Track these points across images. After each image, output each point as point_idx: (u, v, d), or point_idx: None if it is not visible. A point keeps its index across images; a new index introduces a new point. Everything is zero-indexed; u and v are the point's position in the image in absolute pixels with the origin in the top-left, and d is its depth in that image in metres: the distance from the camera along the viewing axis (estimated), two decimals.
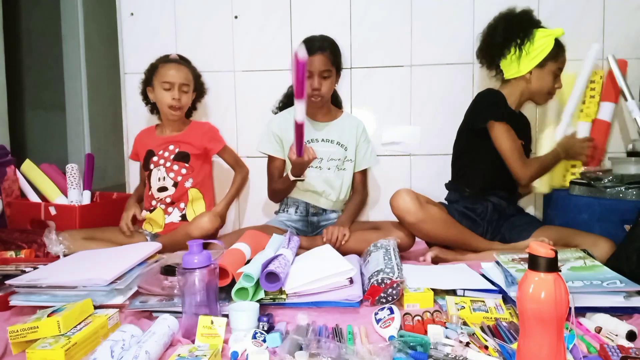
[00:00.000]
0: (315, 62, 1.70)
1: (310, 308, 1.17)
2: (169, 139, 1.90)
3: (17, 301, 1.14)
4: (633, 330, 0.94)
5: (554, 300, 0.70)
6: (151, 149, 1.90)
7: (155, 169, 1.87)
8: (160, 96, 1.84)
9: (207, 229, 1.69)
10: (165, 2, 2.09)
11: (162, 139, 1.91)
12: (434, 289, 1.21)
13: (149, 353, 0.85)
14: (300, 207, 1.88)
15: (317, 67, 1.71)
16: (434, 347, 0.89)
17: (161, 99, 1.84)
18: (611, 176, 1.66)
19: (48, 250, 1.53)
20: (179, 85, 1.83)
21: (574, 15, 1.93)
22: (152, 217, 1.86)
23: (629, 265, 1.22)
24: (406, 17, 2.00)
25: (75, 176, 1.97)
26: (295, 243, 1.46)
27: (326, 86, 1.75)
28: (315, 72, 1.71)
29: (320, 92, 1.74)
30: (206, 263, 1.02)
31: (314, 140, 1.84)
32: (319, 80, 1.73)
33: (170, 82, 1.82)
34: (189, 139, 1.90)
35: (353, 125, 1.88)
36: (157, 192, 1.85)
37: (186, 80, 1.86)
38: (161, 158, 1.88)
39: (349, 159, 1.86)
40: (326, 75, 1.73)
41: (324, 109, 1.85)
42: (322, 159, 1.83)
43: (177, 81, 1.82)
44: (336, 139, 1.85)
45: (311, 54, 1.69)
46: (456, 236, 1.63)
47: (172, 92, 1.82)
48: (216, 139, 1.94)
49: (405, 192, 1.60)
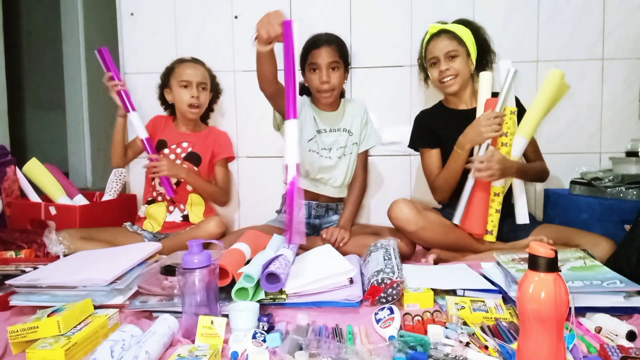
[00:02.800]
0: (324, 54, 1.69)
1: (310, 308, 1.17)
2: (186, 135, 1.90)
3: (17, 301, 1.14)
4: (633, 330, 0.94)
5: (554, 300, 0.69)
6: (164, 139, 1.89)
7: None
8: (178, 95, 1.84)
9: (215, 233, 1.71)
10: (165, 2, 2.09)
11: (177, 133, 1.91)
12: (434, 289, 1.21)
13: (149, 353, 0.85)
14: (302, 210, 1.87)
15: (324, 59, 1.69)
16: (434, 347, 0.89)
17: (180, 98, 1.84)
18: (611, 176, 1.66)
19: (48, 250, 1.54)
20: (197, 83, 1.83)
21: (574, 15, 1.93)
22: (152, 214, 1.85)
23: (629, 265, 1.22)
24: (406, 17, 2.00)
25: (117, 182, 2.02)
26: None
27: (335, 77, 1.72)
28: (323, 64, 1.69)
29: (330, 83, 1.71)
30: (206, 263, 1.02)
31: (322, 131, 1.82)
32: (327, 72, 1.71)
33: (188, 80, 1.82)
34: (204, 141, 1.90)
35: (356, 108, 1.86)
36: (159, 186, 1.85)
37: (203, 78, 1.87)
38: (172, 152, 1.87)
39: (354, 142, 1.85)
40: (334, 66, 1.71)
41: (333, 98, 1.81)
42: (331, 148, 1.82)
43: (194, 79, 1.83)
44: (343, 126, 1.84)
45: (317, 46, 1.69)
46: (457, 240, 1.62)
47: (191, 89, 1.82)
48: (227, 146, 1.96)
49: (403, 202, 1.60)
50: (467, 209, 1.58)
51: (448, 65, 1.66)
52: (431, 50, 1.69)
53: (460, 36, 1.66)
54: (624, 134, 1.94)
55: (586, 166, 1.84)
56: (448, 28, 1.68)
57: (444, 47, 1.66)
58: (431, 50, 1.69)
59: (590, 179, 1.70)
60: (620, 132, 1.95)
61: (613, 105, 1.95)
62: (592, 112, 1.95)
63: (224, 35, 2.08)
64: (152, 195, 1.89)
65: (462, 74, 1.67)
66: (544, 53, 1.95)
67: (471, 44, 1.68)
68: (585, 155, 1.98)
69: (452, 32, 1.67)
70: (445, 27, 1.68)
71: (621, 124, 1.95)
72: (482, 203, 1.58)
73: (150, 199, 1.89)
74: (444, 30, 1.68)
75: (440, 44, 1.66)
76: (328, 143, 1.81)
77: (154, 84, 1.95)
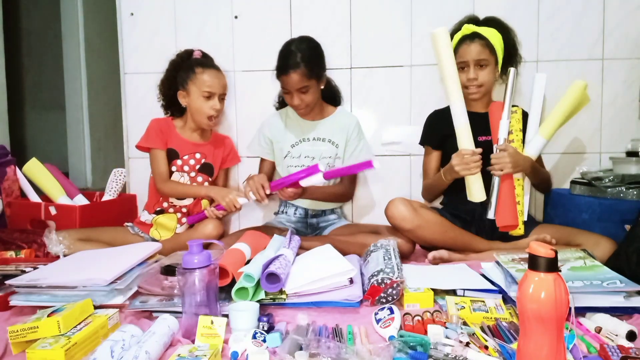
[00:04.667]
0: (291, 82, 1.66)
1: (310, 308, 1.17)
2: (198, 146, 1.84)
3: (17, 301, 1.14)
4: (633, 330, 0.94)
5: (554, 300, 0.69)
6: (174, 149, 1.81)
7: (178, 174, 1.81)
8: (198, 105, 1.75)
9: (213, 236, 1.71)
10: (165, 2, 2.09)
11: (188, 143, 1.83)
12: (434, 289, 1.21)
13: (149, 353, 0.85)
14: (299, 209, 1.88)
15: (293, 86, 1.67)
16: (434, 347, 0.89)
17: (199, 108, 1.75)
18: (612, 176, 1.66)
19: (48, 250, 1.54)
20: (220, 94, 1.77)
21: (574, 15, 1.92)
22: (162, 223, 1.82)
23: (629, 265, 1.22)
24: (406, 17, 2.00)
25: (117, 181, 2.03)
26: (296, 243, 1.46)
27: (309, 97, 1.72)
28: (293, 90, 1.68)
29: (303, 103, 1.72)
30: (206, 263, 1.02)
31: (304, 139, 1.83)
32: (298, 95, 1.70)
33: (212, 92, 1.74)
34: (214, 150, 1.88)
35: (345, 122, 1.86)
36: (175, 199, 1.82)
37: (224, 89, 1.80)
38: (186, 164, 1.81)
39: (339, 156, 1.85)
40: (305, 90, 1.70)
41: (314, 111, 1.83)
42: (314, 157, 1.82)
43: (218, 91, 1.76)
44: (327, 137, 1.84)
45: (285, 72, 1.66)
46: (455, 239, 1.63)
47: (213, 101, 1.75)
48: (235, 153, 1.98)
49: (399, 201, 1.61)
50: (498, 204, 1.59)
51: (476, 75, 1.65)
52: (462, 54, 1.66)
53: (492, 45, 1.65)
54: (624, 134, 1.93)
55: (586, 166, 1.84)
56: (482, 33, 1.65)
57: (475, 54, 1.64)
58: (462, 54, 1.66)
59: (590, 179, 1.70)
60: (620, 132, 1.95)
61: (613, 105, 1.95)
62: (592, 112, 1.94)
63: (224, 35, 2.08)
64: (162, 206, 1.84)
65: (487, 84, 1.68)
66: (544, 53, 1.95)
67: (500, 50, 1.68)
68: (585, 155, 1.98)
69: (486, 38, 1.64)
70: (479, 31, 1.66)
71: (621, 124, 1.95)
72: (509, 196, 1.59)
73: (159, 209, 1.84)
74: (478, 35, 1.65)
75: (472, 50, 1.64)
76: (311, 152, 1.82)
77: (153, 84, 1.94)
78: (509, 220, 1.59)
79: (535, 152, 1.64)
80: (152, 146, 1.79)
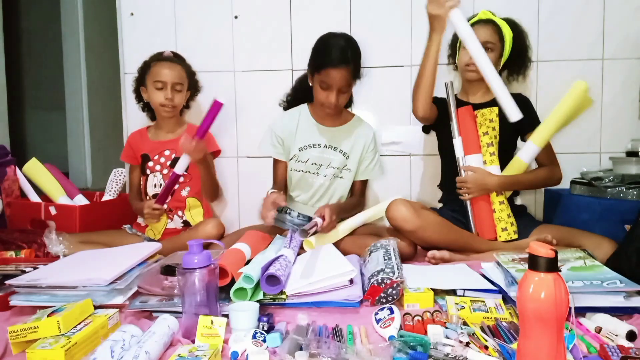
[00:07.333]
0: (337, 78, 1.59)
1: (310, 308, 1.17)
2: (165, 143, 1.87)
3: (17, 301, 1.14)
4: (633, 330, 0.94)
5: (554, 300, 0.69)
6: (146, 153, 1.86)
7: (152, 175, 1.84)
8: (153, 96, 1.79)
9: (213, 235, 1.70)
10: (165, 2, 2.09)
11: (156, 143, 1.87)
12: (434, 289, 1.21)
13: (149, 353, 0.85)
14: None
15: (337, 83, 1.61)
16: (434, 347, 0.89)
17: (154, 99, 1.79)
18: (612, 176, 1.66)
19: (48, 250, 1.54)
20: (172, 84, 1.78)
21: (574, 15, 1.92)
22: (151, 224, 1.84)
23: (629, 265, 1.22)
24: (406, 17, 2.00)
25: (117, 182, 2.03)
26: (297, 242, 1.46)
27: (343, 99, 1.69)
28: (335, 87, 1.62)
29: (338, 107, 1.69)
30: (206, 263, 1.02)
31: (315, 145, 1.79)
32: (337, 95, 1.64)
33: (163, 81, 1.77)
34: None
35: (362, 134, 1.82)
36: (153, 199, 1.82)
37: (179, 79, 1.81)
38: (157, 163, 1.84)
39: (348, 167, 1.81)
40: (346, 90, 1.67)
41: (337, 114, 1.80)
42: (322, 165, 1.79)
43: (169, 80, 1.77)
44: (340, 147, 1.79)
45: (334, 65, 1.58)
46: (456, 239, 1.62)
47: (165, 91, 1.77)
48: (209, 141, 1.88)
49: (400, 202, 1.60)
50: (474, 222, 1.68)
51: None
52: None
53: (503, 34, 1.67)
54: (624, 134, 1.93)
55: (586, 166, 1.84)
56: (496, 20, 1.69)
57: (485, 36, 1.64)
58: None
59: (590, 179, 1.70)
60: (620, 132, 1.95)
61: (613, 105, 1.95)
62: (592, 112, 1.94)
63: (224, 35, 2.08)
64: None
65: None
66: (544, 53, 1.95)
67: (508, 44, 1.70)
68: (585, 155, 1.98)
69: (498, 26, 1.67)
70: (494, 19, 1.69)
71: (621, 124, 1.95)
72: (483, 211, 1.67)
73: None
74: (492, 21, 1.68)
75: (483, 31, 1.64)
76: (319, 159, 1.78)
77: None
78: (488, 235, 1.66)
79: (528, 160, 1.67)
80: (125, 161, 1.96)
